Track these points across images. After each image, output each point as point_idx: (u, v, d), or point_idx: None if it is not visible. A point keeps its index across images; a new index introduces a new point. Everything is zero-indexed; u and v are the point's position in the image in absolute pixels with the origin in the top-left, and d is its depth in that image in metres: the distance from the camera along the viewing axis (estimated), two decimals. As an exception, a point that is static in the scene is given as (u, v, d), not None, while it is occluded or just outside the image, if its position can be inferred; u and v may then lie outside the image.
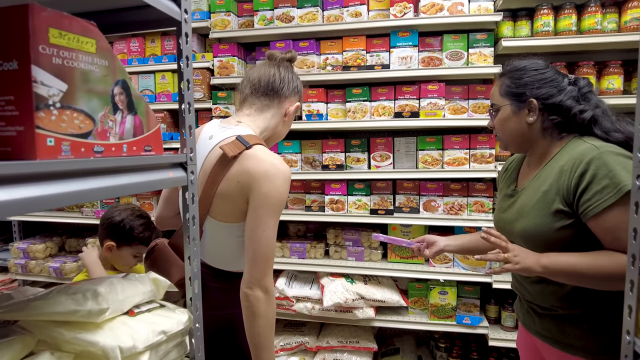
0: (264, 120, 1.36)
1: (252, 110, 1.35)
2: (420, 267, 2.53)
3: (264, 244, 1.17)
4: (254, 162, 1.19)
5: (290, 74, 1.38)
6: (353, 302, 2.46)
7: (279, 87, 1.34)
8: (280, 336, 2.83)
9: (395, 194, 2.55)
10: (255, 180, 1.17)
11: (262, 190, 1.17)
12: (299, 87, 1.41)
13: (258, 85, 1.35)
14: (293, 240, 2.73)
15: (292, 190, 2.71)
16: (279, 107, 1.36)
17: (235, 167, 1.20)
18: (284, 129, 1.44)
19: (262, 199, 1.17)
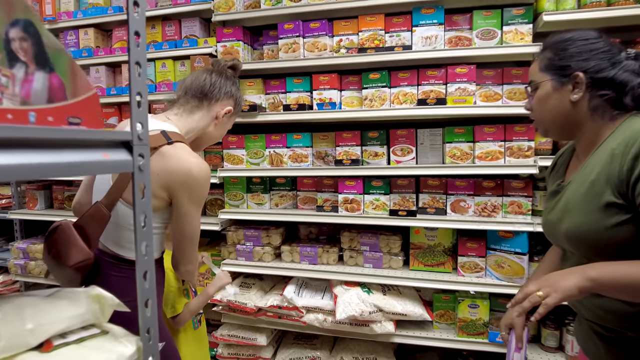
0: (192, 122, 1.44)
1: (180, 110, 1.45)
2: (447, 276, 2.22)
3: (189, 235, 1.34)
4: (174, 160, 1.25)
5: (222, 80, 1.49)
6: (370, 315, 2.18)
7: (208, 91, 1.45)
8: (290, 349, 2.56)
9: (419, 193, 2.26)
10: (178, 179, 1.25)
11: (187, 189, 1.27)
12: (232, 92, 1.51)
13: (189, 87, 1.46)
14: (304, 244, 2.47)
15: (302, 189, 2.45)
16: (208, 109, 1.46)
17: (155, 160, 1.24)
18: (216, 132, 1.53)
19: (187, 197, 1.28)
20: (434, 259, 2.27)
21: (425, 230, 2.28)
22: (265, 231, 2.48)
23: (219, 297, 2.47)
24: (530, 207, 2.10)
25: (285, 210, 2.43)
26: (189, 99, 1.45)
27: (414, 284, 2.21)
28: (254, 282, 2.62)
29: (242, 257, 2.53)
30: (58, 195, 3.07)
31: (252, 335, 2.53)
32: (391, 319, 2.25)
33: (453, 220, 2.13)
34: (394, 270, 2.30)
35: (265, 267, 2.44)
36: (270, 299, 2.43)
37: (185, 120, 1.43)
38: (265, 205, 2.48)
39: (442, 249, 2.27)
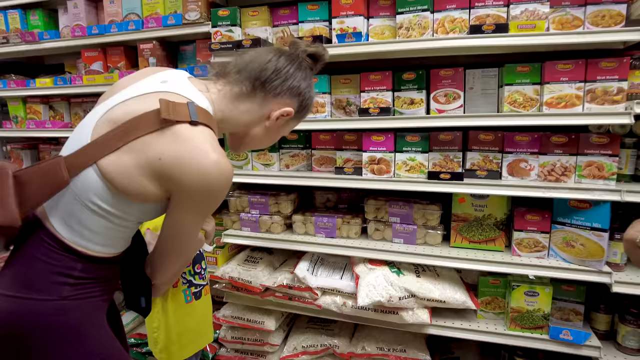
0: (233, 110, 1.05)
1: (226, 89, 1.05)
2: (499, 255, 1.77)
3: (179, 250, 1.05)
4: (189, 148, 0.89)
5: (292, 69, 1.06)
6: (400, 300, 1.76)
7: (268, 78, 1.03)
8: (303, 335, 2.19)
9: (467, 151, 1.78)
10: (187, 177, 0.88)
11: (195, 194, 0.91)
12: (301, 90, 1.08)
13: (245, 66, 1.05)
14: (319, 213, 2.04)
15: (318, 146, 2.00)
16: (261, 103, 1.06)
17: (163, 139, 0.89)
18: (263, 136, 1.13)
19: (191, 205, 0.94)
20: (482, 234, 1.82)
21: (472, 198, 1.81)
22: (273, 197, 2.06)
23: (220, 274, 2.10)
24: (614, 169, 1.60)
25: (297, 173, 1.99)
26: (240, 80, 1.04)
27: (456, 265, 1.77)
28: (262, 257, 2.23)
29: (246, 228, 2.13)
30: (45, 155, 2.73)
31: (259, 317, 2.16)
32: (426, 305, 1.83)
33: (510, 186, 1.65)
34: (430, 247, 1.86)
35: (274, 239, 2.04)
36: (279, 277, 2.04)
37: (227, 103, 1.05)
38: (273, 167, 2.06)
39: (493, 221, 1.80)
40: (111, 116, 0.91)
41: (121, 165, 0.87)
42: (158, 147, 0.87)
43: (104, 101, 0.97)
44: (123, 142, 0.87)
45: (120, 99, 0.94)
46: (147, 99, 0.92)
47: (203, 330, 1.82)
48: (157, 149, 0.87)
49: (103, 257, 0.98)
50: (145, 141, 0.88)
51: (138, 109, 0.90)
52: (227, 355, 2.30)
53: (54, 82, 2.35)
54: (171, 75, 1.01)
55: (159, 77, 1.00)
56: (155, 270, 1.08)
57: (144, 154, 0.87)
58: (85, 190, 0.89)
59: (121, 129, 0.88)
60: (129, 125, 0.88)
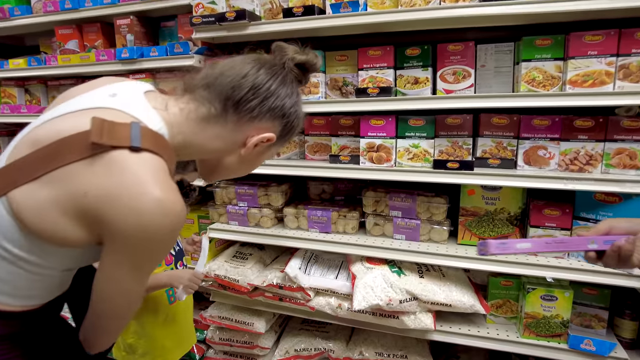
0: (198, 134, 0.83)
1: (190, 108, 0.82)
2: (512, 255, 1.58)
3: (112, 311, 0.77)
4: (125, 183, 0.67)
5: (275, 85, 0.84)
6: (400, 304, 1.58)
7: (243, 98, 0.81)
8: (296, 337, 2.02)
9: (477, 137, 1.58)
10: (121, 220, 0.66)
11: (131, 242, 0.68)
12: (285, 109, 0.86)
13: (214, 81, 0.82)
14: (313, 206, 1.85)
15: (311, 132, 1.80)
16: (234, 129, 0.84)
17: (93, 169, 0.67)
18: (239, 165, 0.92)
19: (127, 255, 0.70)
20: (493, 229, 1.62)
21: (483, 190, 1.62)
22: (263, 188, 1.87)
23: (205, 271, 1.93)
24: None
25: (289, 162, 1.80)
26: (209, 99, 0.82)
27: (464, 264, 1.58)
28: (252, 253, 2.06)
29: (234, 221, 1.95)
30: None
31: (248, 318, 1.99)
32: (429, 309, 1.65)
33: (526, 176, 1.45)
34: (435, 245, 1.67)
35: (263, 234, 1.86)
36: (269, 276, 1.86)
37: (190, 126, 0.82)
38: (262, 154, 1.87)
39: (506, 216, 1.61)
40: (34, 135, 0.71)
41: (36, 200, 0.67)
42: (85, 180, 0.67)
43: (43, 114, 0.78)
44: (43, 170, 0.67)
45: (53, 114, 0.74)
46: (82, 117, 0.71)
47: (188, 331, 1.67)
48: (83, 182, 0.67)
49: (13, 312, 0.77)
50: (70, 171, 0.68)
51: (67, 128, 0.69)
52: (215, 357, 2.14)
53: (27, 63, 2.17)
54: (125, 88, 0.81)
55: (109, 89, 0.80)
56: (87, 339, 0.81)
57: (66, 187, 0.67)
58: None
59: (42, 153, 0.68)
60: (53, 149, 0.68)
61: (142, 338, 1.49)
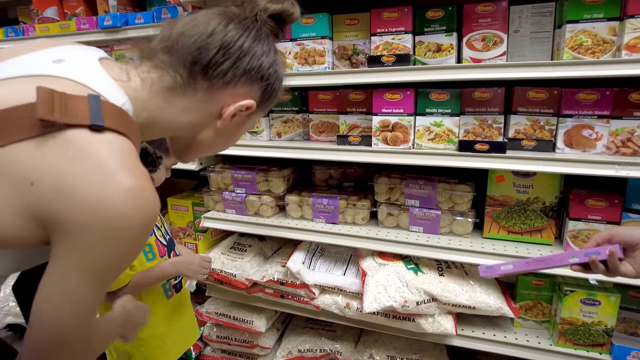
0: (165, 109, 0.69)
1: (153, 78, 0.68)
2: (546, 250, 1.37)
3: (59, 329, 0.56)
4: (83, 169, 0.54)
5: (248, 42, 0.69)
6: (417, 306, 1.38)
7: (212, 61, 0.67)
8: (300, 336, 1.85)
9: (510, 114, 1.35)
10: (76, 209, 0.53)
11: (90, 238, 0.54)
12: (263, 69, 0.71)
13: (175, 43, 0.68)
14: (319, 193, 1.65)
15: (316, 109, 1.59)
16: (206, 98, 0.70)
17: (41, 151, 0.53)
18: (216, 139, 0.77)
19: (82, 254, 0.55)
20: (525, 222, 1.41)
21: (514, 176, 1.40)
22: (262, 173, 1.67)
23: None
24: None
25: (291, 143, 1.59)
26: (172, 65, 0.68)
27: (490, 262, 1.37)
28: (251, 244, 1.87)
29: (231, 210, 1.75)
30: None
31: (247, 315, 1.82)
32: (450, 311, 1.45)
33: (567, 161, 1.23)
34: (457, 238, 1.46)
35: (263, 225, 1.66)
36: (269, 270, 1.68)
37: (155, 99, 0.69)
38: (262, 135, 1.66)
39: (541, 207, 1.39)
40: None
41: None
42: (31, 166, 0.53)
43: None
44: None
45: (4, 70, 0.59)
46: (21, 84, 0.57)
47: (189, 326, 1.51)
48: (29, 169, 0.53)
49: None
50: (11, 154, 0.53)
51: (2, 98, 0.55)
52: (212, 355, 1.98)
53: (4, 34, 1.97)
54: (73, 53, 0.66)
55: (52, 53, 0.64)
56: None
57: (7, 174, 0.53)
58: None
59: None
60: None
61: (139, 342, 1.32)
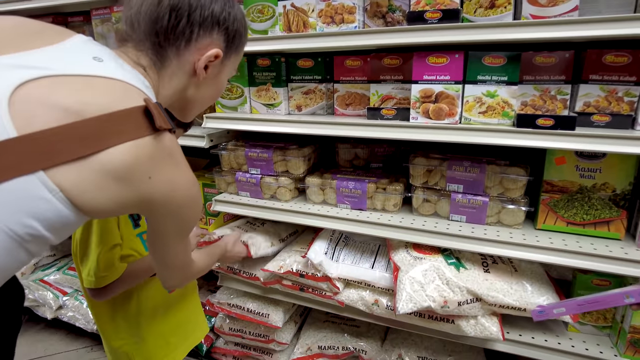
0: (167, 85, 0.79)
1: (145, 60, 0.75)
2: (615, 246, 1.15)
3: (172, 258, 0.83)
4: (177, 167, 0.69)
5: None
6: (459, 307, 1.20)
7: (168, 27, 0.73)
8: (320, 332, 1.69)
9: (580, 83, 1.12)
10: (178, 193, 0.70)
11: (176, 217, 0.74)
12: (216, 15, 0.76)
13: (136, 19, 0.73)
14: (344, 175, 1.46)
15: (343, 77, 1.38)
16: (178, 61, 0.77)
17: (150, 152, 0.63)
18: (204, 93, 0.85)
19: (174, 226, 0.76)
20: (588, 212, 1.20)
21: (577, 158, 1.18)
22: (280, 152, 1.48)
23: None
24: None
25: (313, 118, 1.39)
26: (142, 41, 0.74)
27: (545, 258, 1.17)
28: (264, 222, 1.69)
29: (245, 192, 1.58)
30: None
31: (263, 308, 1.66)
32: (494, 312, 1.26)
33: (651, 140, 1.01)
34: (507, 230, 1.26)
35: (280, 210, 1.48)
36: (287, 260, 1.50)
37: (156, 80, 0.76)
38: (279, 108, 1.46)
39: (610, 194, 1.17)
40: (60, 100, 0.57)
41: (95, 179, 0.58)
42: (145, 163, 0.62)
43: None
44: (97, 147, 0.57)
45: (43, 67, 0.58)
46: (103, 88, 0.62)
47: (196, 320, 1.36)
48: (145, 165, 0.62)
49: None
50: (120, 151, 0.60)
51: (105, 101, 0.59)
52: (225, 348, 1.84)
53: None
54: (101, 49, 0.68)
55: (89, 49, 0.66)
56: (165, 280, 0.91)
57: (117, 169, 0.60)
58: (8, 210, 0.55)
59: (91, 127, 0.57)
60: (104, 124, 0.58)
61: (139, 342, 1.17)
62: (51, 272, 2.33)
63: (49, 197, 0.56)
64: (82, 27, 1.78)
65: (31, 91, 0.56)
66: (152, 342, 1.19)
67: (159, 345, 1.20)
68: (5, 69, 0.56)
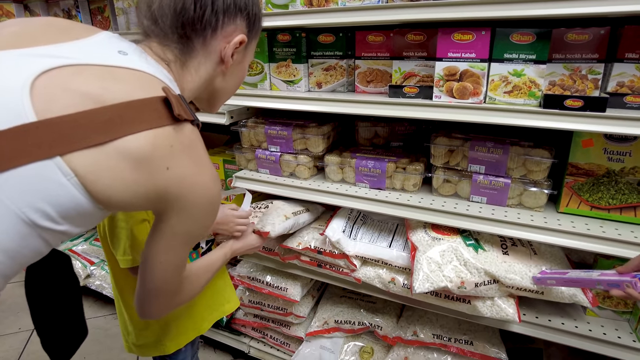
0: (185, 77, 0.77)
1: (169, 56, 0.74)
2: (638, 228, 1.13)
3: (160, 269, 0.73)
4: (197, 160, 0.67)
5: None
6: (476, 288, 1.20)
7: (194, 18, 0.72)
8: (337, 306, 1.73)
9: (613, 62, 1.07)
10: (196, 192, 0.67)
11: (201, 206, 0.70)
12: (237, 1, 0.76)
13: (158, 12, 0.72)
14: (363, 154, 1.45)
15: (365, 53, 1.35)
16: (205, 51, 0.77)
17: (169, 142, 0.62)
18: (229, 82, 0.85)
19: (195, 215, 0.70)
20: (615, 196, 1.16)
21: (606, 141, 1.14)
22: (299, 130, 1.48)
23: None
24: None
25: (333, 95, 1.37)
26: (166, 35, 0.73)
27: (568, 242, 1.15)
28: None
29: (264, 169, 1.59)
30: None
31: (282, 282, 1.70)
32: (511, 294, 1.26)
33: (687, 123, 0.96)
34: (528, 212, 1.24)
35: (299, 187, 1.49)
36: (306, 237, 1.52)
37: (180, 74, 0.76)
38: (299, 85, 1.45)
39: (639, 179, 1.14)
40: (81, 86, 0.58)
41: (110, 167, 0.58)
42: (164, 153, 0.61)
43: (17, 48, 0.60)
44: (115, 134, 0.57)
45: (71, 55, 0.60)
46: (125, 77, 0.62)
47: (224, 295, 1.38)
48: (163, 155, 0.61)
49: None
50: (139, 139, 0.59)
51: (125, 90, 0.60)
52: (244, 319, 1.90)
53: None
54: (124, 43, 0.69)
55: (113, 43, 0.67)
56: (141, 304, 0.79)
57: (136, 156, 0.60)
58: (24, 193, 0.55)
59: (110, 114, 0.57)
60: (124, 112, 0.58)
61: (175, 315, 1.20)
62: (79, 242, 2.43)
63: (63, 181, 0.55)
64: (104, 2, 1.78)
65: (53, 78, 0.56)
66: (186, 316, 1.22)
67: (188, 315, 1.23)
68: (32, 57, 0.57)
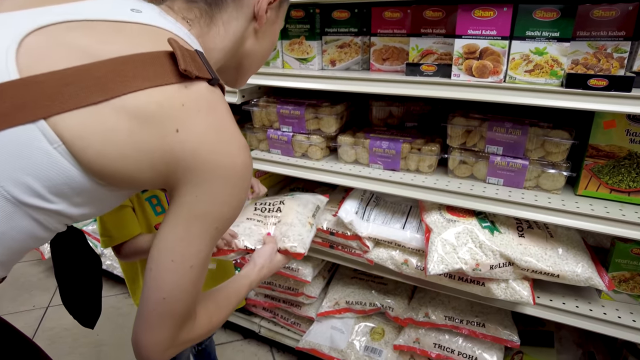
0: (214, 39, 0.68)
1: (195, 13, 0.65)
2: (663, 215, 1.11)
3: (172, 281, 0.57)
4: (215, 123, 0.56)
5: None
6: (491, 270, 1.19)
7: None
8: (348, 287, 1.74)
9: (638, 40, 1.04)
10: (215, 159, 0.55)
11: (208, 192, 0.56)
12: None
13: None
14: (377, 134, 1.43)
15: (380, 30, 1.32)
16: (236, 4, 0.68)
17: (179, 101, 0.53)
18: (262, 46, 0.76)
19: (202, 205, 0.56)
20: (636, 179, 1.14)
21: (629, 121, 1.11)
22: (312, 109, 1.45)
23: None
24: None
25: (347, 73, 1.35)
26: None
27: (586, 225, 1.13)
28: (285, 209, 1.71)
29: (276, 150, 1.57)
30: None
31: (292, 262, 1.70)
32: (526, 277, 1.25)
33: None
34: (545, 194, 1.22)
35: (311, 168, 1.48)
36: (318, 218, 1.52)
37: (206, 33, 0.67)
38: (312, 63, 1.42)
39: (662, 161, 1.11)
40: (75, 39, 0.51)
41: (104, 130, 0.49)
42: (174, 113, 0.52)
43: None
44: (113, 92, 0.49)
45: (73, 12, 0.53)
46: (131, 32, 0.55)
47: None
48: (173, 115, 0.52)
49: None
50: (149, 96, 0.51)
51: (129, 43, 0.53)
52: (255, 299, 1.91)
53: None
54: (140, 3, 0.61)
55: (127, 2, 0.59)
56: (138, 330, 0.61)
57: (146, 115, 0.51)
58: (1, 165, 0.46)
59: (107, 70, 0.49)
60: (123, 67, 0.50)
61: None
62: (89, 221, 2.45)
63: (49, 149, 0.47)
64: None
65: (49, 34, 0.50)
66: None
67: None
68: (33, 14, 0.52)
